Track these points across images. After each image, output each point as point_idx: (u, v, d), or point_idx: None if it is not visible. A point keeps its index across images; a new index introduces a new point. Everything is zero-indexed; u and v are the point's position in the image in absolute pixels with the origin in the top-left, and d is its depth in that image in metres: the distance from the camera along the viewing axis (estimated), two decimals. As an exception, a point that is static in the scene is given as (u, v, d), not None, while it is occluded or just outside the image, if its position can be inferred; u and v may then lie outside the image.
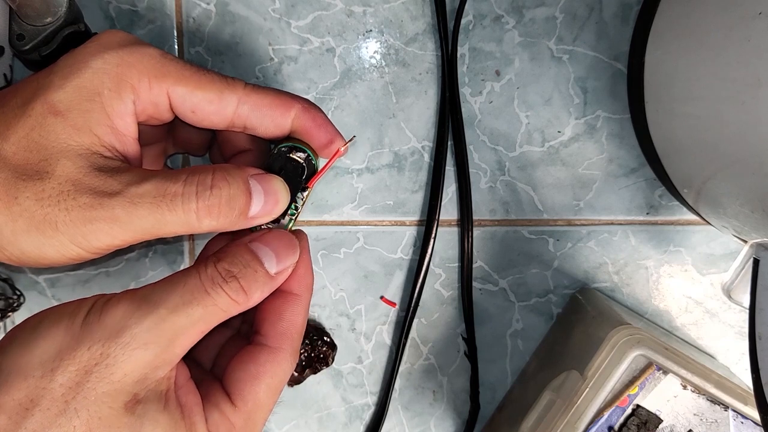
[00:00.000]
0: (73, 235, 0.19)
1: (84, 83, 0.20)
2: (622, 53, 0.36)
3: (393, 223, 0.37)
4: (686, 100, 0.29)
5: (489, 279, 0.38)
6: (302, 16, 0.34)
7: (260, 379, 0.21)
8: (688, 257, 0.38)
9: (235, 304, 0.20)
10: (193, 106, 0.22)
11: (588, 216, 0.38)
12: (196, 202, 0.20)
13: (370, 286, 0.38)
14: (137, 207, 0.19)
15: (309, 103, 0.25)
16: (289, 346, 0.23)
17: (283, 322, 0.23)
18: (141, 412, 0.18)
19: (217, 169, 0.21)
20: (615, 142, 0.37)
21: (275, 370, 0.22)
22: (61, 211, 0.19)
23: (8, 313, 0.35)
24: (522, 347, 0.39)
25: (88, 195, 0.19)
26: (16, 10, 0.28)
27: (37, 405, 0.17)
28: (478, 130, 0.36)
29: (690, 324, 0.39)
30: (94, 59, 0.21)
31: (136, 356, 0.18)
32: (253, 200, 0.21)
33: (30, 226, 0.19)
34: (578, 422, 0.30)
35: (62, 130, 0.20)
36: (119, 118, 0.21)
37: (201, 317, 0.19)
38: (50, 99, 0.20)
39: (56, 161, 0.19)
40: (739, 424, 0.30)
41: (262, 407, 0.22)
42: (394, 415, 0.39)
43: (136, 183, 0.20)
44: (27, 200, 0.19)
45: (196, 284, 0.20)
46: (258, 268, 0.21)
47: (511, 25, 0.35)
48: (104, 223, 0.19)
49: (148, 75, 0.21)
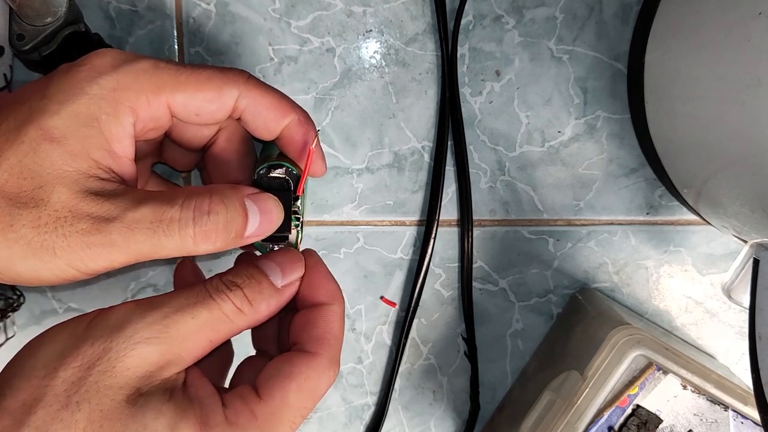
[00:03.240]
0: (71, 260, 0.19)
1: (80, 109, 0.20)
2: (622, 53, 0.36)
3: (393, 223, 0.37)
4: (686, 100, 0.29)
5: (489, 279, 0.38)
6: (302, 16, 0.34)
7: (292, 378, 0.21)
8: (688, 257, 0.38)
9: (241, 314, 0.20)
10: (195, 109, 0.22)
11: (588, 216, 0.38)
12: (193, 227, 0.20)
13: (370, 286, 0.38)
14: (134, 233, 0.19)
15: (306, 117, 0.25)
16: (326, 352, 0.22)
17: (317, 329, 0.22)
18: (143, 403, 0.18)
19: (214, 193, 0.21)
20: (615, 142, 0.37)
21: (309, 372, 0.21)
22: (59, 237, 0.19)
23: (8, 313, 0.35)
24: (522, 347, 0.39)
25: (86, 221, 0.19)
26: (16, 10, 0.28)
27: (40, 402, 0.17)
28: (478, 130, 0.36)
29: (690, 324, 0.39)
30: (90, 85, 0.20)
31: (138, 351, 0.18)
32: (249, 221, 0.21)
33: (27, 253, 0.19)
34: (578, 422, 0.30)
35: (58, 157, 0.20)
36: (117, 142, 0.21)
37: (207, 321, 0.20)
38: (45, 125, 0.20)
39: (52, 188, 0.19)
40: (739, 424, 0.30)
41: (290, 407, 0.21)
42: (394, 415, 0.39)
43: (133, 207, 0.20)
44: (24, 228, 0.19)
45: (200, 291, 0.20)
46: (263, 279, 0.21)
47: (511, 25, 0.35)
48: (102, 248, 0.19)
49: (145, 92, 0.21)
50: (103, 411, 0.18)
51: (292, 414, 0.21)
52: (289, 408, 0.20)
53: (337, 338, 0.22)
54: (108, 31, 0.34)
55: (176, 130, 0.24)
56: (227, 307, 0.20)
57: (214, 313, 0.20)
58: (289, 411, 0.21)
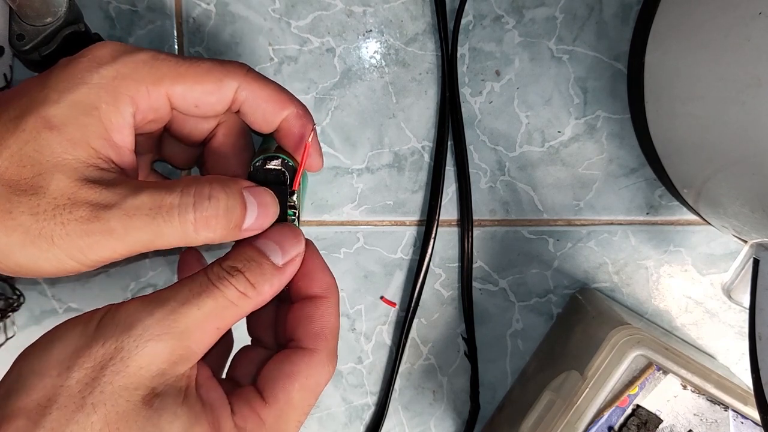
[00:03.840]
0: (69, 249, 0.19)
1: (80, 98, 0.20)
2: (622, 53, 0.36)
3: (393, 223, 0.37)
4: (686, 100, 0.29)
5: (489, 279, 0.38)
6: (302, 16, 0.34)
7: (293, 377, 0.21)
8: (688, 257, 0.38)
9: (245, 298, 0.20)
10: (194, 100, 0.22)
11: (588, 216, 0.38)
12: (194, 213, 0.20)
13: (370, 286, 0.38)
14: (133, 219, 0.19)
15: (304, 111, 0.25)
16: (324, 347, 0.22)
17: (314, 324, 0.22)
18: (159, 405, 0.18)
19: (214, 180, 0.21)
20: (615, 142, 0.37)
21: (310, 370, 0.21)
22: (57, 225, 0.19)
23: (8, 313, 0.35)
24: (522, 347, 0.39)
25: (84, 208, 0.19)
26: (16, 10, 0.28)
27: (55, 403, 0.17)
28: (478, 130, 0.36)
29: (690, 324, 0.39)
30: (90, 75, 0.20)
31: (150, 348, 0.18)
32: (248, 212, 0.21)
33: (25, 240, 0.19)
34: (578, 422, 0.30)
35: (57, 145, 0.20)
36: (117, 132, 0.21)
37: (212, 310, 0.20)
38: (45, 113, 0.20)
39: (51, 175, 0.19)
40: (739, 424, 0.30)
41: (295, 407, 0.21)
42: (394, 415, 0.39)
43: (132, 195, 0.20)
44: (22, 215, 0.19)
45: (203, 280, 0.20)
46: (263, 261, 0.21)
47: (511, 25, 0.35)
48: (100, 236, 0.19)
49: (145, 82, 0.21)
50: (119, 413, 0.18)
51: (297, 414, 0.21)
52: (294, 408, 0.21)
53: (333, 332, 0.23)
54: (108, 31, 0.34)
55: (176, 124, 0.24)
56: (231, 294, 0.20)
57: (218, 301, 0.20)
58: (295, 411, 0.21)
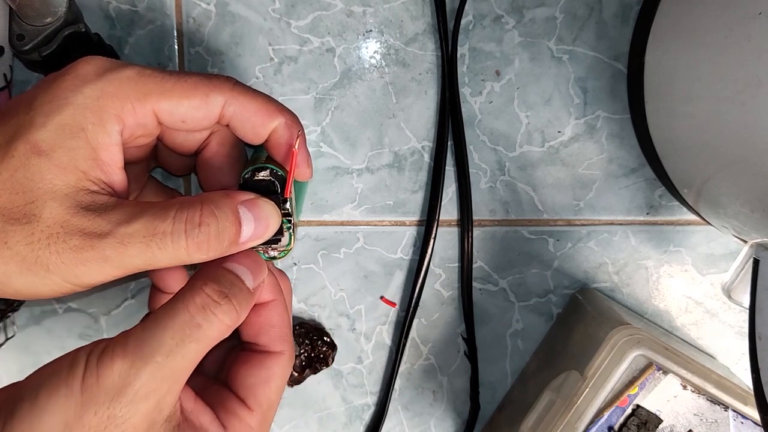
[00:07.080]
0: (65, 275, 0.19)
1: (66, 120, 0.20)
2: (622, 53, 0.36)
3: (393, 223, 0.37)
4: (686, 100, 0.29)
5: (489, 279, 0.38)
6: (302, 16, 0.34)
7: (271, 381, 0.24)
8: (688, 257, 0.38)
9: (228, 328, 0.21)
10: (181, 116, 0.22)
11: (588, 216, 0.38)
12: (186, 239, 0.20)
13: (370, 286, 0.38)
14: (127, 247, 0.19)
15: (293, 120, 0.24)
16: (288, 347, 0.25)
17: (276, 328, 0.24)
18: None
19: (205, 203, 0.21)
20: (615, 142, 0.37)
21: (283, 371, 0.24)
22: (52, 254, 0.19)
23: (8, 314, 0.35)
24: (522, 347, 0.39)
25: (78, 237, 0.19)
26: (16, 10, 0.28)
27: None
28: (478, 130, 0.36)
29: (690, 324, 0.39)
30: (74, 95, 0.20)
31: (142, 409, 0.18)
32: (243, 228, 0.21)
33: (22, 269, 0.19)
34: (578, 422, 0.30)
35: (47, 170, 0.20)
36: (104, 151, 0.21)
37: (196, 351, 0.20)
38: (33, 138, 0.20)
39: (43, 203, 0.19)
40: (739, 424, 0.30)
41: (274, 406, 0.24)
42: (394, 415, 0.39)
43: (125, 222, 0.20)
44: (17, 244, 0.19)
45: (185, 320, 0.20)
46: (242, 286, 0.22)
47: (511, 25, 0.35)
48: (95, 264, 0.19)
49: (130, 100, 0.21)
50: None
51: (274, 410, 0.24)
52: (273, 407, 0.24)
53: (290, 331, 0.25)
54: (108, 31, 0.34)
55: (167, 136, 0.24)
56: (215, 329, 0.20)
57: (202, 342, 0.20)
58: (273, 409, 0.24)
